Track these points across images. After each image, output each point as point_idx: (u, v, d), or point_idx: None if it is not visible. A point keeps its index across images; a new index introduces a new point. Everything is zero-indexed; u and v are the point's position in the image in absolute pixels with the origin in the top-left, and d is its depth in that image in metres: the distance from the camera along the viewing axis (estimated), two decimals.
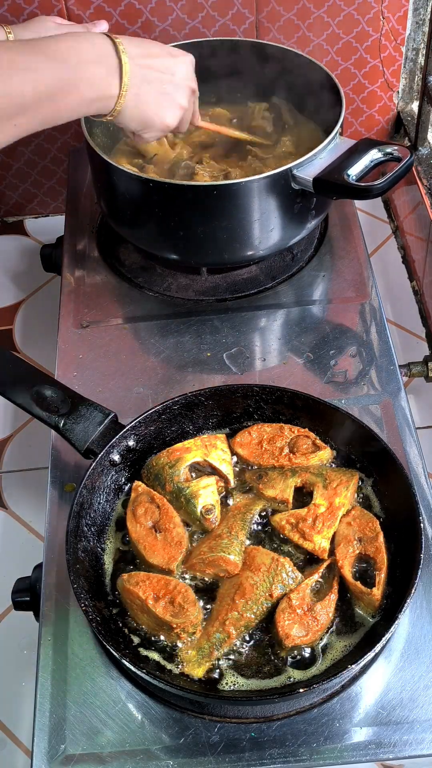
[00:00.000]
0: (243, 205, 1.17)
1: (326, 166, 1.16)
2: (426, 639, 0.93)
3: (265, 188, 1.16)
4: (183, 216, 1.19)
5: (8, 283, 1.83)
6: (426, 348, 1.65)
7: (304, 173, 1.15)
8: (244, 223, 1.19)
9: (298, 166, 1.15)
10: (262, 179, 1.14)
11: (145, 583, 0.90)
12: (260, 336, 1.28)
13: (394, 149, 1.15)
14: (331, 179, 1.14)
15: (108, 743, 0.88)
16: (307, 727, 0.88)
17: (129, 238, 1.33)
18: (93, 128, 1.31)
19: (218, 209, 1.17)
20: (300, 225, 1.25)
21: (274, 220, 1.20)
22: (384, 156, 1.16)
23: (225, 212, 1.17)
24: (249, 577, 0.91)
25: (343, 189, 1.14)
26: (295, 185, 1.17)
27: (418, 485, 1.04)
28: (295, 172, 1.15)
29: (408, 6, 1.62)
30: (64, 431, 1.03)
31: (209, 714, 0.88)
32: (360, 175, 1.15)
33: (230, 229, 1.19)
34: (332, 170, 1.15)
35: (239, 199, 1.16)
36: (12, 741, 1.21)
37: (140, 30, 1.62)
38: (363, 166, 1.16)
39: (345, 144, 1.19)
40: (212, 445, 1.02)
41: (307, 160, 1.16)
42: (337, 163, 1.16)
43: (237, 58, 1.41)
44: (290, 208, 1.20)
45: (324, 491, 0.97)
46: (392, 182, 1.11)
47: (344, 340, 1.25)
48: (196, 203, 1.16)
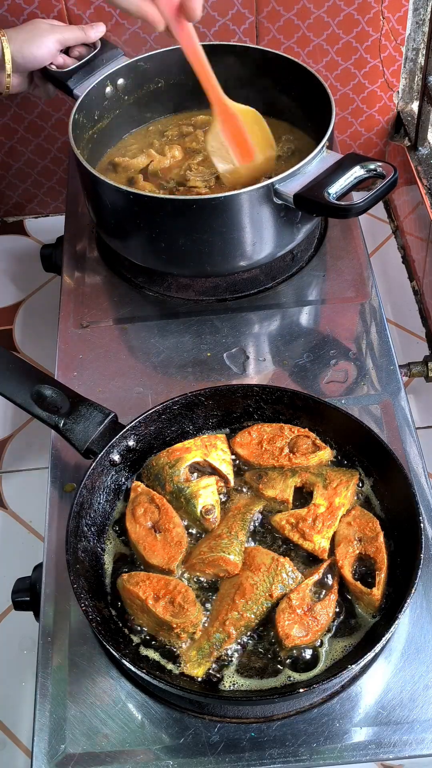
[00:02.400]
0: (224, 219, 1.16)
1: (309, 181, 1.14)
2: (426, 639, 0.93)
3: (246, 202, 1.15)
4: (163, 228, 1.19)
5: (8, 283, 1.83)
6: (426, 348, 1.65)
7: (286, 188, 1.14)
8: (225, 236, 1.18)
9: (280, 180, 1.14)
10: (243, 194, 1.13)
11: (145, 583, 0.90)
12: (260, 336, 1.28)
13: (378, 166, 1.14)
14: (311, 196, 1.12)
15: (108, 743, 0.88)
16: (307, 727, 0.88)
17: (116, 248, 1.33)
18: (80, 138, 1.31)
19: (199, 223, 1.16)
20: (284, 239, 1.24)
21: (255, 234, 1.19)
22: (367, 173, 1.15)
23: (205, 226, 1.16)
24: (249, 577, 0.91)
25: (323, 207, 1.13)
26: (277, 200, 1.15)
27: (418, 485, 1.04)
28: (277, 186, 1.14)
29: (408, 6, 1.62)
30: (64, 431, 1.03)
31: (209, 714, 0.89)
32: (342, 192, 1.14)
33: (211, 242, 1.18)
34: (313, 187, 1.13)
35: (220, 213, 1.15)
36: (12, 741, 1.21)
37: (140, 30, 1.62)
38: (345, 183, 1.14)
39: (331, 158, 1.17)
40: (212, 445, 1.02)
41: (290, 174, 1.14)
42: (320, 179, 1.14)
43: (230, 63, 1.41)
44: (273, 222, 1.19)
45: (324, 491, 0.97)
46: (372, 201, 1.10)
47: (344, 340, 1.25)
48: (176, 216, 1.16)
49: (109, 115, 1.41)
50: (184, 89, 1.45)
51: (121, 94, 1.41)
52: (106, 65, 1.40)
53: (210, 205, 1.14)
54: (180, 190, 1.31)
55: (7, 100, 1.72)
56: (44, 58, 1.36)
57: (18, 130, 1.76)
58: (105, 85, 1.38)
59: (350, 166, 1.15)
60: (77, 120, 1.30)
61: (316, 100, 1.28)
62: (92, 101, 1.36)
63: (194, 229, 1.18)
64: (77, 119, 1.31)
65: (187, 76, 1.43)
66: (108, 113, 1.41)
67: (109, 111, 1.41)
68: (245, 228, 1.18)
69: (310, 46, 1.66)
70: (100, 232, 1.37)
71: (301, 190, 1.13)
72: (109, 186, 1.18)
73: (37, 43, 1.34)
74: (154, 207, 1.16)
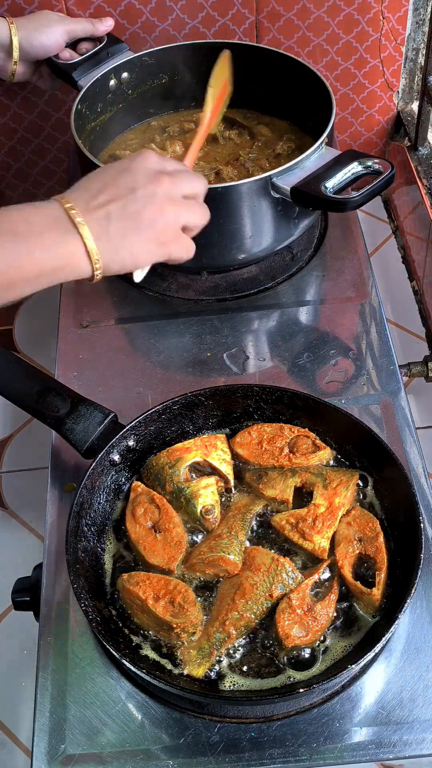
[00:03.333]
0: (221, 211, 1.15)
1: (306, 175, 1.14)
2: (426, 639, 0.93)
3: (243, 194, 1.15)
4: None
5: None
6: (426, 348, 1.65)
7: (284, 182, 1.14)
8: (223, 228, 1.18)
9: (278, 174, 1.14)
10: (240, 185, 1.13)
11: (145, 583, 0.90)
12: (260, 336, 1.28)
13: (375, 162, 1.14)
14: (308, 190, 1.13)
15: (108, 743, 0.88)
16: (307, 727, 0.88)
17: None
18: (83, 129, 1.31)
19: None
20: (282, 233, 1.24)
21: (253, 226, 1.19)
22: (364, 169, 1.15)
23: None
24: (249, 577, 0.91)
25: (319, 200, 1.13)
26: (275, 193, 1.16)
27: (418, 485, 1.04)
28: (275, 180, 1.14)
29: (408, 6, 1.62)
30: (64, 431, 1.03)
31: (209, 714, 0.88)
32: (339, 187, 1.14)
33: (208, 234, 1.18)
34: (311, 181, 1.14)
35: (217, 205, 1.13)
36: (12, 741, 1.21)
37: (140, 30, 1.62)
38: (343, 178, 1.14)
39: (330, 154, 1.18)
40: (212, 445, 1.02)
41: (288, 168, 1.15)
42: (317, 173, 1.14)
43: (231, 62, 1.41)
44: (270, 215, 1.19)
45: (324, 491, 0.97)
46: (368, 196, 1.10)
47: (344, 339, 1.25)
48: None
49: (112, 108, 1.41)
50: (187, 85, 1.45)
51: (125, 87, 1.41)
52: (112, 59, 1.41)
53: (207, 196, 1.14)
54: None
55: (7, 100, 1.72)
56: (51, 48, 1.37)
57: (18, 130, 1.76)
58: (109, 78, 1.38)
59: (348, 162, 1.15)
60: (80, 110, 1.31)
61: (316, 98, 1.29)
62: (96, 93, 1.36)
63: None
64: (80, 110, 1.31)
65: (191, 73, 1.44)
66: (111, 106, 1.41)
67: (112, 104, 1.41)
68: (242, 220, 1.18)
69: (310, 46, 1.66)
70: None
71: (299, 183, 1.14)
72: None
73: (45, 32, 1.35)
74: None
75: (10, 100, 1.71)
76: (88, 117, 1.34)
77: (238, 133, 1.41)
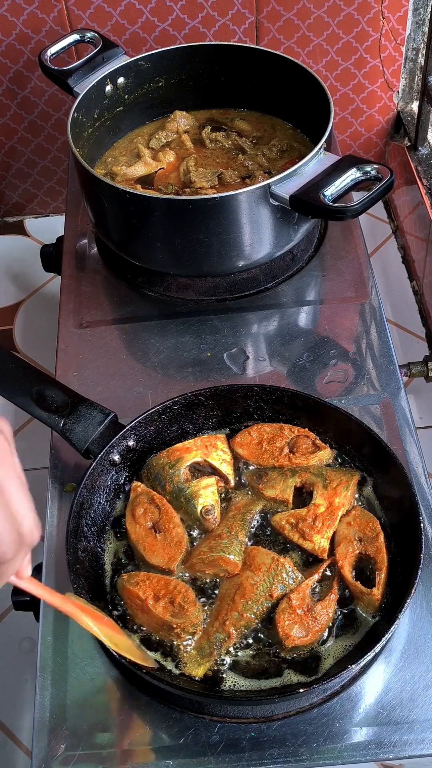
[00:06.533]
0: (220, 219, 1.15)
1: (305, 183, 1.13)
2: (426, 639, 0.93)
3: (243, 203, 1.14)
4: (160, 228, 1.19)
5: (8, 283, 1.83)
6: (426, 348, 1.66)
7: (283, 190, 1.13)
8: (222, 236, 1.18)
9: (277, 182, 1.13)
10: (239, 194, 1.13)
11: (145, 583, 0.90)
12: (260, 336, 1.28)
13: (374, 168, 1.13)
14: (307, 198, 1.12)
15: (108, 743, 0.88)
16: (307, 727, 0.88)
17: (114, 248, 1.33)
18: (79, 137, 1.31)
19: (195, 223, 1.16)
20: (281, 239, 1.24)
21: (252, 234, 1.19)
22: (363, 175, 1.14)
23: (202, 226, 1.16)
24: (249, 577, 0.91)
25: (318, 209, 1.12)
26: (274, 201, 1.15)
27: (418, 485, 1.04)
28: (273, 188, 1.14)
29: (408, 6, 1.62)
30: (64, 431, 1.03)
31: (209, 714, 0.88)
32: (338, 194, 1.13)
33: (208, 242, 1.18)
34: (309, 189, 1.12)
35: (216, 214, 1.15)
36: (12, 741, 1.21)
37: (140, 30, 1.62)
38: (342, 185, 1.13)
39: (328, 160, 1.17)
40: (212, 445, 1.02)
41: (286, 176, 1.14)
42: (316, 180, 1.13)
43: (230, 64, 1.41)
44: (270, 223, 1.19)
45: (324, 491, 0.97)
46: (367, 204, 1.10)
47: (344, 339, 1.25)
48: (172, 216, 1.16)
49: (109, 114, 1.41)
50: (185, 89, 1.45)
51: (121, 92, 1.41)
52: (107, 63, 1.40)
53: (206, 206, 1.14)
54: (186, 191, 1.31)
55: (7, 100, 1.72)
56: None
57: (18, 130, 1.76)
58: (105, 84, 1.38)
59: (347, 169, 1.14)
60: (76, 118, 1.30)
61: (315, 101, 1.28)
62: (92, 100, 1.36)
63: (191, 230, 1.17)
64: (76, 117, 1.30)
65: (188, 76, 1.44)
66: (108, 112, 1.40)
67: (109, 110, 1.41)
68: (242, 228, 1.18)
69: (310, 46, 1.67)
70: (98, 232, 1.37)
71: (297, 191, 1.13)
72: (106, 185, 1.18)
73: None
74: (150, 207, 1.16)
75: (10, 100, 1.71)
76: (84, 124, 1.34)
77: (226, 135, 1.41)
